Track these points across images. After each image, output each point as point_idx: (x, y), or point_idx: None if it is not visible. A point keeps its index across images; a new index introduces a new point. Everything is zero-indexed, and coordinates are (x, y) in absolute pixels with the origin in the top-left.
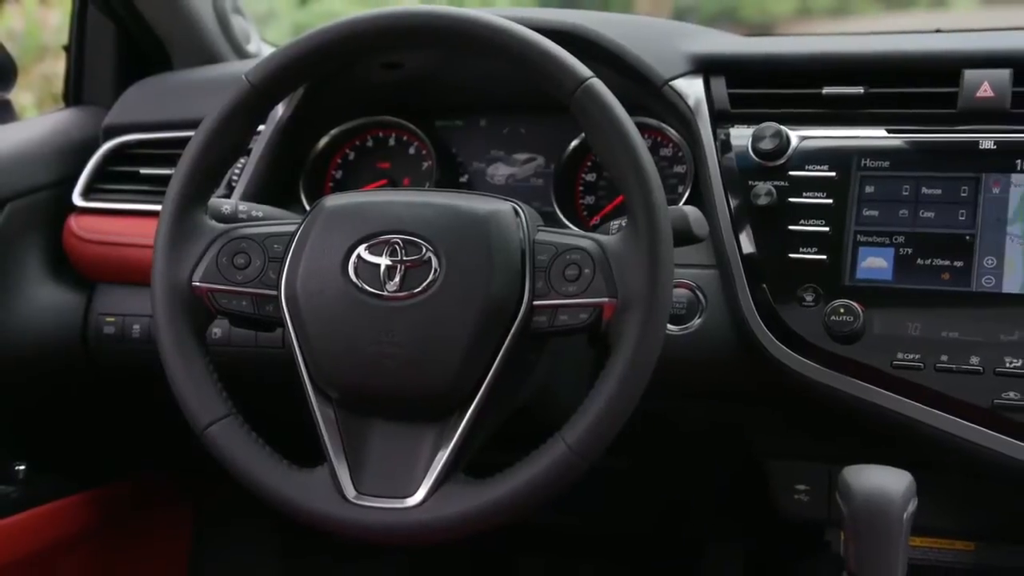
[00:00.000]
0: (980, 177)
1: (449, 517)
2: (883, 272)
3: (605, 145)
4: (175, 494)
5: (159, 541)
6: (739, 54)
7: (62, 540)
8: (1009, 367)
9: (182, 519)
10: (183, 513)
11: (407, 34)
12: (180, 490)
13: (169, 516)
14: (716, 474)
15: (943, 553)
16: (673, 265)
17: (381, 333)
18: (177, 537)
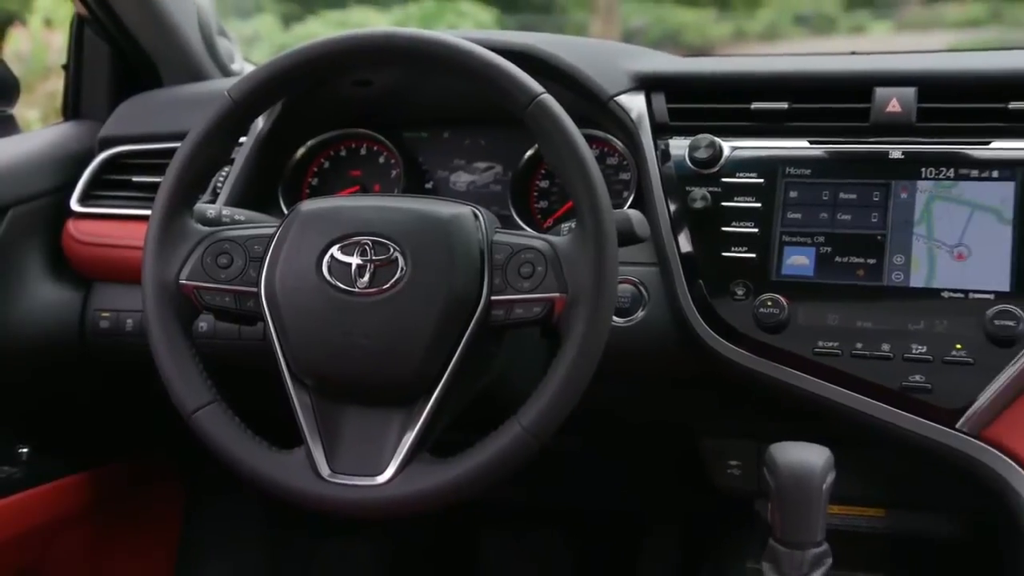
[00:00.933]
0: (890, 184)
1: (415, 493)
2: (805, 269)
3: (556, 155)
4: (167, 474)
5: (152, 517)
6: (677, 72)
7: (62, 516)
8: (915, 353)
9: (173, 497)
10: (174, 491)
11: (375, 54)
12: (171, 470)
13: (161, 494)
14: (658, 453)
15: (858, 519)
16: (618, 263)
17: (352, 326)
18: (169, 513)
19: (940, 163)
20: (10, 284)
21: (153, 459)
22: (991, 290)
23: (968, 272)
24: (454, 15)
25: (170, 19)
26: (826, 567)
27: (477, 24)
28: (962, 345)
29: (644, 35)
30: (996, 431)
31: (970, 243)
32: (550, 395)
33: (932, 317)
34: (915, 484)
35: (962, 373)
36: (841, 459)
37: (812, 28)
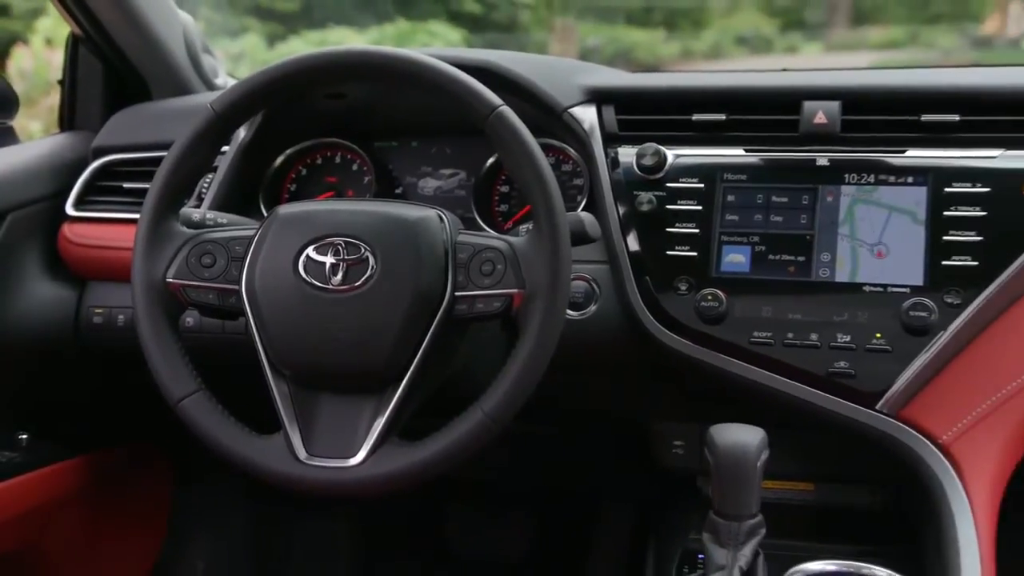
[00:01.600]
0: (817, 188)
1: (385, 474)
2: (742, 266)
3: (514, 162)
4: (156, 458)
5: (143, 498)
6: (625, 87)
7: (59, 497)
8: (840, 342)
9: (163, 479)
10: (163, 474)
11: (347, 69)
12: (160, 455)
13: (151, 477)
14: (610, 435)
15: (789, 493)
16: (571, 261)
17: (327, 320)
18: (158, 495)
19: (861, 170)
20: (10, 283)
21: (144, 444)
22: (907, 284)
23: (886, 268)
24: (426, 35)
25: (158, 38)
26: (760, 536)
27: (447, 42)
28: (881, 334)
29: (599, 53)
30: (911, 412)
31: (888, 242)
32: (509, 383)
33: (855, 309)
34: (840, 460)
35: (881, 360)
36: (774, 439)
37: (751, 48)
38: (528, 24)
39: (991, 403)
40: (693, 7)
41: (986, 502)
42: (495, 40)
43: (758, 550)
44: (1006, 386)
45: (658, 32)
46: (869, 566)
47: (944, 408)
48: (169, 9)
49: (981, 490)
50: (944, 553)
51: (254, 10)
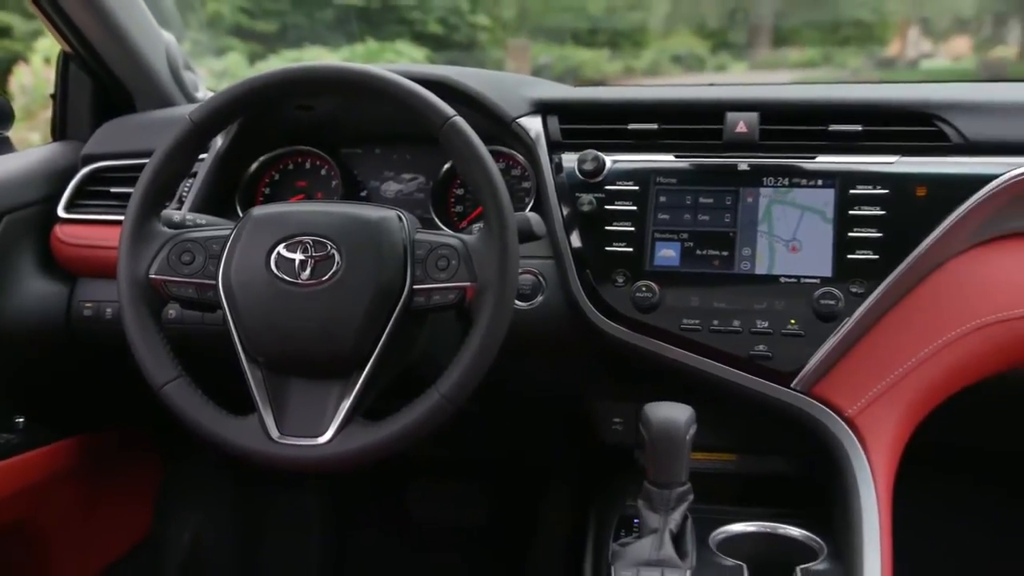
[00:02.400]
0: (739, 190)
1: (351, 451)
2: (672, 260)
3: (466, 168)
4: (144, 440)
5: (133, 476)
6: (568, 99)
7: (54, 476)
8: (759, 328)
9: (151, 459)
10: (151, 455)
11: (315, 83)
12: (148, 437)
13: (140, 457)
14: (557, 413)
15: (714, 463)
16: (519, 257)
17: (296, 312)
18: (147, 473)
19: (778, 174)
20: (6, 280)
21: (132, 427)
22: (817, 276)
23: (800, 262)
24: (393, 53)
25: (142, 55)
26: (688, 502)
27: (411, 60)
28: (795, 321)
29: (550, 70)
30: (821, 389)
31: (801, 238)
32: (463, 367)
33: (772, 298)
34: (759, 433)
35: (795, 343)
36: (701, 414)
37: (685, 66)
38: (486, 44)
39: (889, 380)
40: (634, 29)
41: (884, 467)
42: (455, 58)
43: (687, 514)
44: (902, 365)
45: (603, 51)
46: (784, 526)
47: (850, 385)
48: (152, 28)
49: (880, 456)
50: (849, 512)
51: (236, 31)
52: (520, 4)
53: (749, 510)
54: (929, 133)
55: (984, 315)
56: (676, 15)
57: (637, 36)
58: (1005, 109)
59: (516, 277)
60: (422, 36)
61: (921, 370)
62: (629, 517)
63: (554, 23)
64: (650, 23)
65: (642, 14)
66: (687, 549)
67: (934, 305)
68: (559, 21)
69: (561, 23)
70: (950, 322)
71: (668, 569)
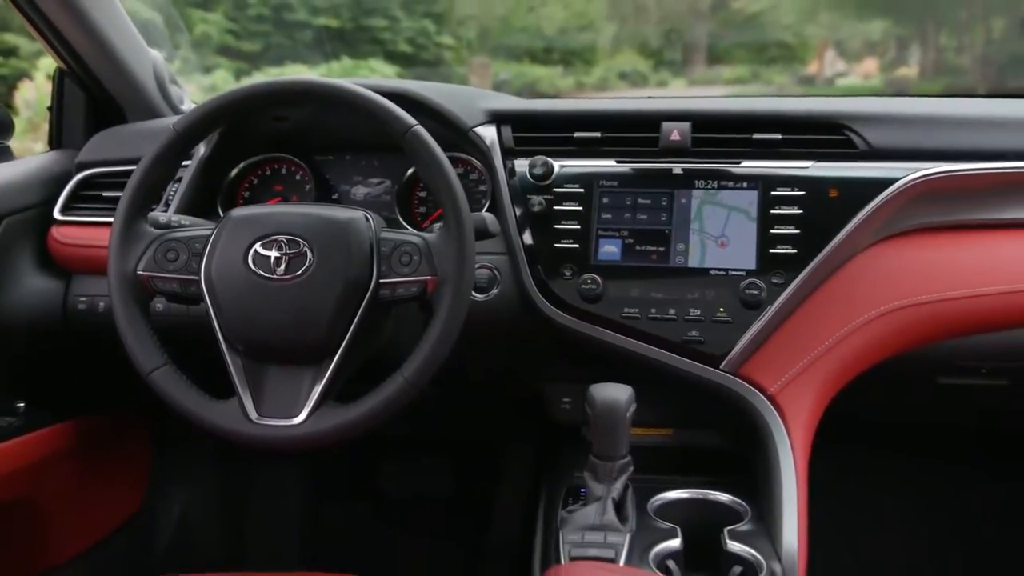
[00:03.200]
0: (673, 192)
1: (323, 431)
2: (615, 255)
3: (427, 172)
4: (136, 423)
5: (126, 456)
6: (520, 110)
7: (52, 456)
8: (692, 316)
9: (142, 440)
10: (143, 436)
11: (288, 95)
12: (140, 420)
13: (133, 438)
14: (513, 394)
15: (652, 437)
16: (475, 253)
17: (272, 304)
18: (139, 453)
19: (708, 177)
20: (7, 277)
21: (125, 411)
22: (743, 268)
23: (728, 256)
24: (366, 70)
25: (131, 71)
26: (629, 472)
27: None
28: (724, 309)
29: (509, 85)
30: (747, 370)
31: (729, 235)
32: (425, 354)
33: (703, 289)
34: (693, 410)
35: (724, 329)
36: (640, 394)
37: (630, 82)
38: (451, 61)
39: (806, 361)
40: (584, 48)
41: (801, 438)
42: (423, 74)
43: (627, 484)
44: (817, 348)
45: (557, 68)
46: (713, 492)
47: (772, 366)
48: (140, 46)
49: (798, 429)
50: (770, 478)
51: (223, 50)
52: (481, 26)
53: (683, 479)
54: (839, 141)
55: (888, 302)
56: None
57: (587, 55)
58: (905, 120)
59: (473, 271)
60: (393, 55)
61: (834, 352)
62: (576, 487)
63: (512, 43)
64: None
65: (591, 35)
66: (627, 515)
67: (845, 294)
68: (516, 41)
69: (518, 43)
70: (859, 309)
71: (610, 533)
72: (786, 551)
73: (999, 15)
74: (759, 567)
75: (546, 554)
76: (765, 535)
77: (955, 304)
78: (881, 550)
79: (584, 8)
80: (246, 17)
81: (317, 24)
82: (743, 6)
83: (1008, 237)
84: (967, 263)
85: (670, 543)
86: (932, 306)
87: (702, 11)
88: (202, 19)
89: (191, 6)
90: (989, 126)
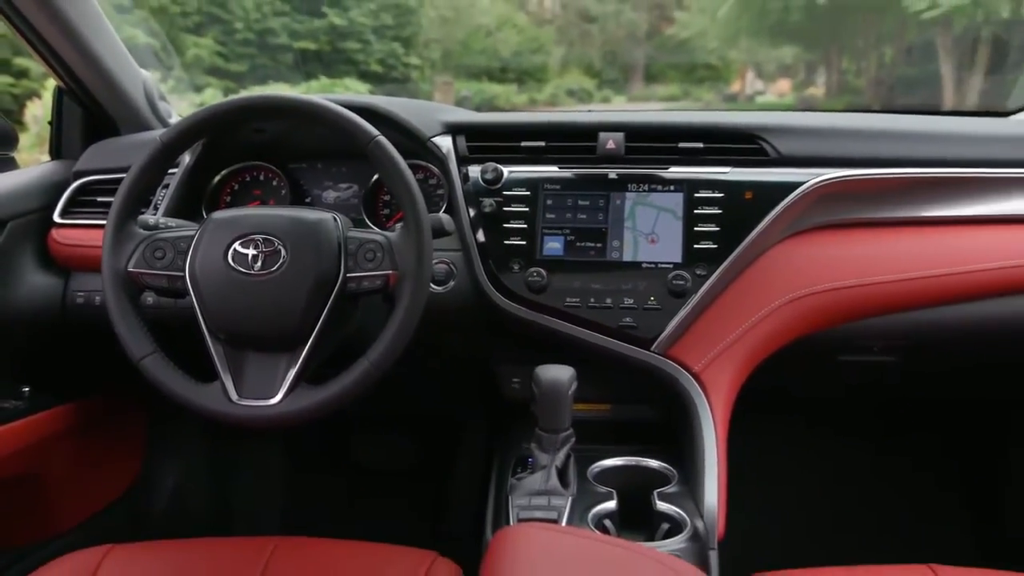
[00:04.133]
0: (609, 194)
1: (297, 410)
2: (558, 251)
3: (389, 178)
4: (132, 404)
5: (123, 435)
6: (473, 122)
7: (57, 434)
8: (626, 304)
9: (138, 420)
10: (138, 416)
11: (264, 109)
12: (135, 401)
13: (129, 418)
14: (470, 375)
15: (592, 412)
16: (432, 250)
17: (250, 297)
18: (135, 431)
19: (639, 181)
20: (12, 274)
21: (121, 394)
22: (670, 262)
23: (657, 251)
24: (342, 88)
25: (123, 89)
26: (571, 443)
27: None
28: (654, 298)
29: (470, 101)
30: (675, 351)
31: (658, 232)
32: (388, 340)
33: (636, 280)
34: (628, 387)
35: (654, 316)
36: (581, 374)
37: (577, 98)
38: (418, 80)
39: (726, 343)
40: (536, 68)
41: (722, 410)
42: (392, 91)
43: (570, 453)
44: (735, 331)
45: (512, 86)
46: (645, 459)
47: (696, 348)
48: (132, 67)
49: (719, 402)
50: (694, 445)
51: (212, 71)
52: (444, 48)
53: (619, 448)
54: (754, 150)
55: (796, 290)
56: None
57: (539, 74)
58: (810, 132)
59: (430, 266)
60: (366, 74)
61: (749, 334)
62: (524, 457)
63: (472, 63)
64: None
65: (542, 57)
66: (569, 480)
67: (759, 283)
68: (476, 62)
69: (478, 63)
70: (771, 296)
71: (554, 497)
72: (707, 509)
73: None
74: (684, 524)
75: (497, 516)
76: (690, 496)
77: (852, 291)
78: (789, 503)
79: (536, 33)
80: (233, 41)
81: (297, 47)
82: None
83: (897, 233)
84: (862, 256)
85: (607, 505)
86: (833, 293)
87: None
88: (194, 43)
89: (185, 32)
90: (882, 137)
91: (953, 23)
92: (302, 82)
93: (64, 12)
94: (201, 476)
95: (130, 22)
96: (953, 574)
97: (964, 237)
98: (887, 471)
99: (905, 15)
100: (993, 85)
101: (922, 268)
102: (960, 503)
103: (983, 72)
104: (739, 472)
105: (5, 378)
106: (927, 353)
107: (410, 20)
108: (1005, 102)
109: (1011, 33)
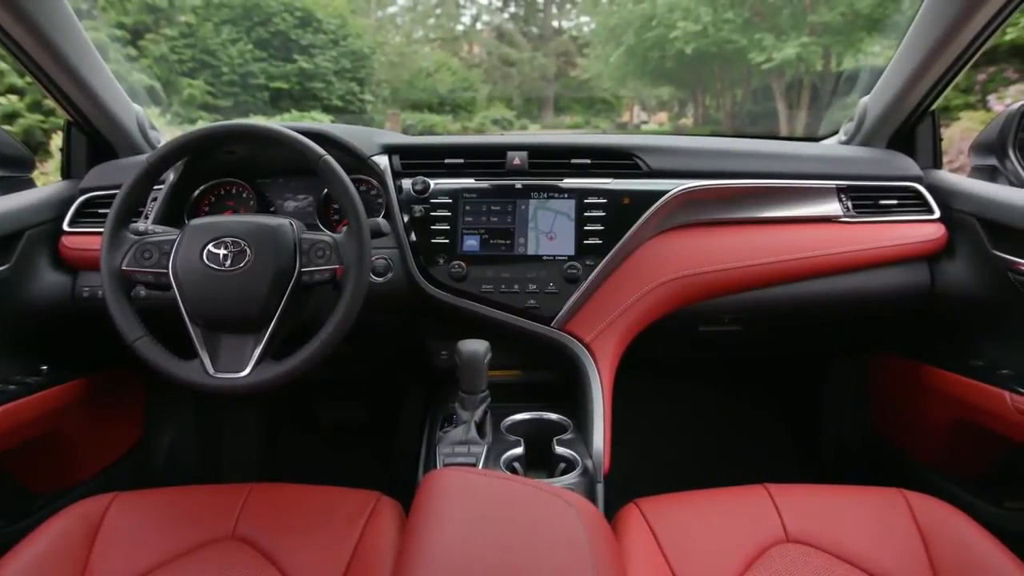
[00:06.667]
0: (515, 201)
1: (263, 380)
2: (475, 247)
3: (335, 190)
4: (133, 378)
5: (125, 402)
6: (405, 144)
7: (70, 403)
8: (530, 289)
9: (138, 391)
10: (138, 388)
11: (231, 136)
12: (136, 376)
13: (130, 390)
14: (407, 348)
15: (505, 377)
16: (371, 248)
17: (222, 289)
18: (135, 400)
19: (540, 190)
20: (29, 274)
21: (123, 369)
22: (565, 254)
23: (555, 246)
24: (309, 119)
25: (120, 121)
26: (487, 403)
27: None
28: (553, 284)
29: (414, 128)
30: (570, 326)
31: (555, 231)
32: (336, 321)
33: (538, 270)
34: (534, 356)
35: (553, 298)
36: (495, 346)
37: (501, 126)
38: (371, 112)
39: (610, 319)
40: (467, 102)
41: (607, 372)
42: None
43: (487, 411)
44: (617, 309)
45: (448, 116)
46: (547, 413)
47: (587, 323)
48: (127, 103)
49: (605, 366)
50: (585, 401)
51: (204, 106)
52: (393, 86)
53: (526, 405)
54: (631, 164)
55: (665, 276)
56: (494, 94)
57: (469, 107)
58: (673, 151)
59: (370, 261)
60: (329, 108)
61: (629, 312)
62: (450, 414)
63: (415, 98)
64: (477, 99)
65: (472, 93)
66: (486, 432)
67: (636, 271)
68: (418, 97)
69: (420, 98)
70: (645, 281)
71: (473, 445)
72: (595, 451)
73: (739, 87)
74: (576, 463)
75: (428, 462)
76: (582, 441)
77: (707, 276)
78: (659, 444)
79: (467, 75)
80: (221, 82)
81: (273, 87)
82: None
83: (740, 230)
84: (715, 248)
85: (516, 450)
86: (694, 277)
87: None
88: (189, 84)
89: (181, 75)
90: (728, 156)
91: (785, 72)
92: (276, 115)
93: (68, 58)
94: (192, 435)
95: (138, 69)
96: (782, 490)
97: (786, 233)
98: (732, 413)
99: (750, 65)
100: (813, 118)
101: (757, 257)
102: (786, 433)
103: (806, 108)
104: (621, 421)
105: (26, 358)
106: (762, 321)
107: (365, 64)
108: (818, 131)
109: (823, 81)
